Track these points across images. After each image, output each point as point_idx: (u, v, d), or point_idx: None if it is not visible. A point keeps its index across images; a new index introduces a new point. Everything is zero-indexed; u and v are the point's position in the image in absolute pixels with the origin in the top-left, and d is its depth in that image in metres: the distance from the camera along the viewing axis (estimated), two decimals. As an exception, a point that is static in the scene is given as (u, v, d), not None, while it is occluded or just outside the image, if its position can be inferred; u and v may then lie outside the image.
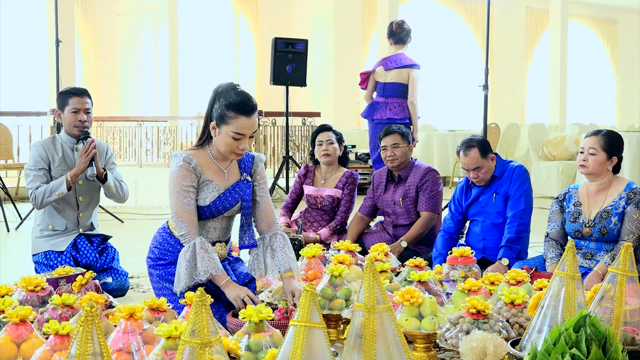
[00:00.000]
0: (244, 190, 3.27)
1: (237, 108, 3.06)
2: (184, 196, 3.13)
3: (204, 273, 3.06)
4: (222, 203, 3.20)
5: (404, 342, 2.04)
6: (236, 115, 3.06)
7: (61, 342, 2.39)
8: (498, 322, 2.78)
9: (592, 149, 3.76)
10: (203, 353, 1.79)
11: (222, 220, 3.28)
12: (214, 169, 3.22)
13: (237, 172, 3.30)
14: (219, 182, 3.20)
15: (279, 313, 2.94)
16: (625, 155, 8.41)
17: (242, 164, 3.31)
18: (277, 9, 15.13)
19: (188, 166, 3.14)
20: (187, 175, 3.13)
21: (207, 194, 3.17)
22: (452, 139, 11.34)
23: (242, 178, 3.28)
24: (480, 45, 17.14)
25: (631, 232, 3.69)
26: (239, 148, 3.11)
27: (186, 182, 3.13)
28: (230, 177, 3.26)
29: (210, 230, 3.26)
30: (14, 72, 12.68)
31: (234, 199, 3.23)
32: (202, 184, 3.17)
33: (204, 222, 3.23)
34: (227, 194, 3.22)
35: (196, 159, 3.17)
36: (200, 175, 3.16)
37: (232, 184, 3.24)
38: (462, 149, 4.29)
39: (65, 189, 4.01)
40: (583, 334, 1.99)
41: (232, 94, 3.08)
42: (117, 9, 14.25)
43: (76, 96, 4.18)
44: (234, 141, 3.09)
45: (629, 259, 2.48)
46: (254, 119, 3.10)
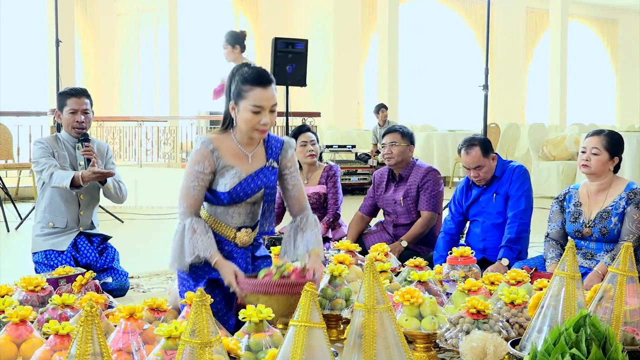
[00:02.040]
0: (268, 177, 3.15)
1: (253, 80, 2.99)
2: (192, 179, 3.04)
3: (190, 255, 3.01)
4: (244, 189, 3.09)
5: (404, 342, 2.04)
6: (252, 87, 2.99)
7: (61, 342, 2.39)
8: (498, 322, 2.78)
9: (595, 149, 3.75)
10: (203, 353, 1.79)
11: (245, 206, 3.15)
12: (237, 153, 3.11)
13: (263, 157, 3.17)
14: (240, 167, 3.08)
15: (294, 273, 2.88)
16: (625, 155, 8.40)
17: (269, 149, 3.19)
18: (277, 9, 15.13)
19: (205, 150, 3.04)
20: (201, 160, 3.03)
21: (227, 180, 3.06)
22: (452, 139, 11.34)
23: (268, 164, 3.15)
24: (480, 45, 17.14)
25: (631, 232, 3.69)
26: (260, 123, 3.01)
27: (198, 167, 3.04)
28: (254, 162, 3.13)
29: (234, 216, 3.15)
30: (14, 72, 12.67)
31: (256, 185, 3.11)
32: (222, 169, 3.06)
33: (227, 207, 3.13)
34: (249, 180, 3.10)
35: (217, 143, 3.07)
36: (219, 161, 3.06)
37: (255, 170, 3.12)
38: (463, 147, 4.29)
39: (69, 184, 3.98)
40: (583, 334, 1.98)
41: (246, 69, 3.03)
42: (117, 9, 14.25)
43: (74, 97, 4.17)
44: (254, 116, 3.00)
45: (629, 259, 2.48)
46: (272, 91, 3.02)
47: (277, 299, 2.79)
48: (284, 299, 2.80)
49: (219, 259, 3.00)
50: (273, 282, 2.84)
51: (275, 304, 2.73)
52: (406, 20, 15.44)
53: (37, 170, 4.15)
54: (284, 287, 2.82)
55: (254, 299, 2.81)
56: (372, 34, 15.64)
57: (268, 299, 2.78)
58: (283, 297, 2.80)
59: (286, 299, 2.80)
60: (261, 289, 2.83)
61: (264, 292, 2.82)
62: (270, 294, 2.81)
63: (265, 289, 2.83)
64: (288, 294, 2.80)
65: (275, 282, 2.83)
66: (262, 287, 2.84)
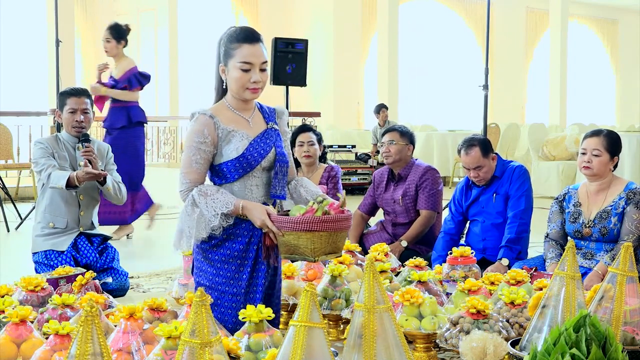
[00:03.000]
0: (275, 138, 3.00)
1: (240, 37, 2.89)
2: (193, 152, 2.86)
3: (214, 217, 2.81)
4: (256, 149, 2.91)
5: (404, 342, 2.04)
6: (239, 45, 2.88)
7: (61, 342, 2.39)
8: (498, 322, 2.78)
9: (597, 150, 3.74)
10: (203, 353, 1.79)
11: (262, 175, 2.95)
12: (237, 119, 2.96)
13: (262, 121, 3.03)
14: (245, 130, 2.93)
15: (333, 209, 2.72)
16: (625, 155, 8.47)
17: (265, 114, 3.06)
18: (277, 9, 15.13)
19: (203, 118, 2.88)
20: (200, 130, 2.86)
21: (236, 144, 2.88)
22: (452, 139, 11.34)
23: (269, 127, 3.01)
24: (480, 45, 17.14)
25: (631, 231, 3.69)
26: (250, 81, 2.88)
27: (198, 138, 2.86)
28: (255, 126, 2.99)
29: (254, 190, 2.93)
30: (14, 72, 12.67)
31: (266, 145, 2.95)
32: (228, 135, 2.89)
33: (244, 181, 2.91)
34: (257, 140, 2.93)
35: (214, 112, 2.92)
36: (220, 127, 2.89)
37: (260, 132, 2.97)
38: (463, 147, 4.29)
39: (65, 185, 3.99)
40: (583, 334, 1.98)
41: (232, 29, 2.95)
42: (117, 9, 14.25)
43: (74, 96, 4.18)
44: (243, 74, 2.87)
45: (629, 259, 2.48)
46: (260, 48, 2.90)
47: (321, 236, 2.64)
48: (327, 234, 2.65)
49: (243, 203, 2.82)
50: (317, 219, 2.65)
51: (318, 240, 2.64)
52: (406, 20, 15.44)
53: (37, 171, 4.16)
54: (328, 223, 2.65)
55: (294, 237, 2.66)
56: (372, 34, 15.64)
57: (311, 236, 2.64)
58: (326, 234, 2.65)
59: (329, 234, 2.66)
60: (304, 227, 2.64)
61: (306, 230, 2.63)
62: (314, 230, 2.64)
63: (309, 226, 2.64)
64: (331, 229, 2.65)
65: (320, 219, 2.65)
66: (306, 225, 2.64)
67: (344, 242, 2.82)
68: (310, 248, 2.66)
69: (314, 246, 2.63)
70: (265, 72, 2.94)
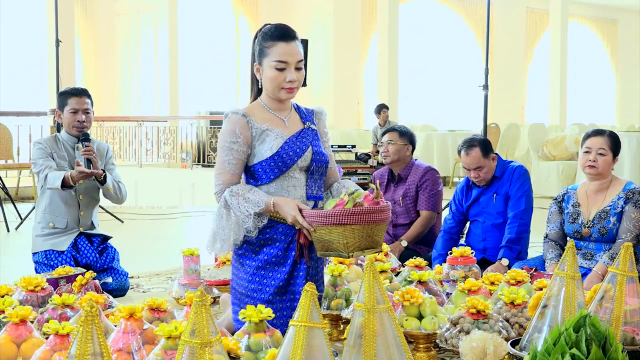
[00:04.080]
0: (312, 137, 2.90)
1: (275, 36, 2.79)
2: (225, 153, 2.78)
3: (247, 218, 2.71)
4: (292, 148, 2.81)
5: (404, 342, 2.04)
6: (274, 43, 2.79)
7: (61, 342, 2.39)
8: (498, 322, 2.78)
9: (602, 149, 3.73)
10: (203, 353, 1.79)
11: (300, 175, 2.84)
12: (272, 118, 2.86)
13: (299, 121, 2.93)
14: (280, 129, 2.84)
15: (367, 200, 2.59)
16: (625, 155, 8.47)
17: (302, 114, 2.96)
18: (277, 9, 15.13)
19: (236, 117, 2.79)
20: (232, 129, 2.77)
21: (271, 142, 2.79)
22: (452, 139, 11.34)
23: (306, 126, 2.92)
24: (480, 45, 17.14)
25: (629, 230, 3.69)
26: (286, 81, 2.79)
27: (231, 138, 2.77)
28: (291, 125, 2.89)
29: (290, 190, 2.82)
30: (14, 72, 12.67)
31: (302, 143, 2.85)
32: (262, 134, 2.80)
33: (280, 182, 2.81)
34: (293, 139, 2.83)
35: (248, 111, 2.83)
36: (254, 126, 2.80)
37: (296, 132, 2.87)
38: (463, 148, 4.29)
39: (60, 185, 3.98)
40: (583, 334, 1.98)
41: (267, 27, 2.85)
42: (117, 9, 14.25)
43: (75, 96, 4.18)
44: (278, 73, 2.78)
45: (629, 259, 2.48)
46: (295, 46, 2.81)
47: (353, 229, 2.53)
48: (360, 228, 2.53)
49: (274, 200, 2.72)
50: (347, 211, 2.53)
51: (350, 234, 2.53)
52: (406, 20, 15.44)
53: (35, 172, 4.16)
54: (360, 215, 2.52)
55: (326, 232, 2.56)
56: (372, 34, 15.64)
57: (343, 230, 2.52)
58: (359, 227, 2.53)
59: (362, 228, 2.53)
60: (334, 220, 2.53)
61: (337, 223, 2.52)
62: (346, 224, 2.52)
63: (339, 219, 2.53)
64: (364, 222, 2.53)
65: (350, 211, 2.53)
66: (336, 218, 2.53)
67: (382, 235, 2.64)
68: (342, 243, 2.53)
69: (346, 241, 2.51)
70: (301, 70, 2.85)
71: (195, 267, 3.73)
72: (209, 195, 9.57)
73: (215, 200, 2.84)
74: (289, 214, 2.68)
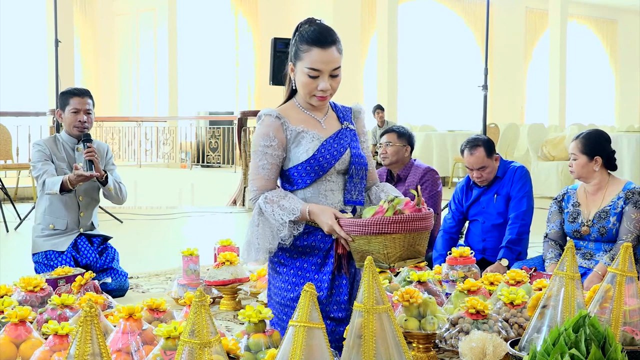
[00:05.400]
0: (350, 138, 2.74)
1: (310, 39, 2.62)
2: (259, 157, 2.64)
3: (282, 225, 2.57)
4: (329, 151, 2.66)
5: (403, 342, 2.04)
6: (309, 48, 2.62)
7: (60, 342, 2.39)
8: (497, 322, 2.78)
9: (573, 155, 3.83)
10: (202, 353, 1.79)
11: (337, 179, 2.70)
12: (308, 119, 2.71)
13: (336, 121, 2.78)
14: (316, 131, 2.69)
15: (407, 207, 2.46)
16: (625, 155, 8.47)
17: (339, 114, 2.81)
18: (276, 9, 15.14)
19: (269, 119, 2.65)
20: (266, 132, 2.63)
21: (307, 145, 2.65)
22: (451, 139, 11.34)
23: (344, 126, 2.76)
24: (479, 45, 17.15)
25: (629, 231, 3.69)
26: (318, 89, 2.63)
27: (265, 142, 2.63)
28: (329, 126, 2.74)
29: (328, 195, 2.68)
30: (14, 72, 12.68)
31: (340, 145, 2.69)
32: (297, 136, 2.66)
33: (316, 186, 2.67)
34: (330, 141, 2.68)
35: (283, 112, 2.68)
36: (288, 128, 2.66)
37: (333, 133, 2.72)
38: (467, 147, 4.27)
39: (59, 190, 3.98)
40: (582, 334, 1.98)
41: (306, 27, 2.67)
42: (117, 9, 14.25)
43: (77, 96, 4.17)
44: (310, 80, 2.62)
45: (629, 259, 2.48)
46: (332, 53, 2.62)
47: (394, 238, 2.38)
48: (402, 237, 2.39)
49: (310, 207, 2.57)
50: (387, 220, 2.38)
51: (391, 244, 2.38)
52: (406, 20, 15.45)
53: (34, 176, 4.15)
54: (401, 223, 2.38)
55: (365, 242, 2.41)
56: (371, 34, 15.65)
57: (383, 239, 2.38)
58: (400, 236, 2.38)
59: (404, 237, 2.39)
60: (374, 229, 2.37)
61: (377, 233, 2.37)
62: (386, 233, 2.37)
63: (378, 228, 2.38)
64: (406, 231, 2.38)
65: (390, 219, 2.38)
66: (375, 227, 2.38)
67: (425, 244, 2.50)
68: (383, 253, 2.39)
69: (387, 251, 2.37)
70: (337, 77, 2.66)
71: (194, 268, 3.73)
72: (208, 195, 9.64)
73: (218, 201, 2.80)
74: (325, 223, 2.53)
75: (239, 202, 8.57)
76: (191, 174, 11.47)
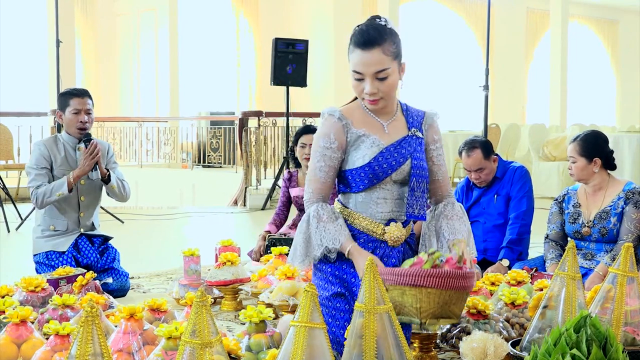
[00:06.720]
0: (414, 147, 2.61)
1: (354, 40, 2.52)
2: (318, 158, 2.56)
3: (317, 247, 2.51)
4: (387, 160, 2.55)
5: (404, 342, 2.04)
6: (353, 49, 2.51)
7: (61, 342, 2.40)
8: (499, 323, 2.78)
9: (572, 157, 3.82)
10: (203, 353, 1.79)
11: (392, 188, 2.59)
12: (371, 122, 2.60)
13: (404, 127, 2.64)
14: (378, 136, 2.57)
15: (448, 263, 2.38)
16: (625, 155, 8.46)
17: (409, 118, 2.68)
18: (277, 9, 15.14)
19: (331, 120, 2.58)
20: (327, 133, 2.56)
21: (365, 151, 2.55)
22: (452, 139, 11.34)
23: (410, 133, 2.63)
24: (480, 45, 17.14)
25: (630, 231, 3.69)
26: (364, 92, 2.52)
27: (324, 142, 2.55)
28: (392, 132, 2.61)
29: (380, 203, 2.58)
30: (15, 72, 12.69)
31: (401, 155, 2.57)
32: (357, 139, 2.56)
33: (369, 192, 2.57)
34: (390, 149, 2.57)
35: (345, 113, 2.60)
36: (350, 130, 2.57)
37: (397, 139, 2.60)
38: (464, 149, 4.28)
39: (67, 190, 4.00)
40: (583, 334, 1.98)
41: (359, 27, 2.56)
42: (118, 9, 14.26)
43: (77, 97, 4.17)
44: (357, 83, 2.53)
45: (630, 260, 2.48)
46: (373, 55, 2.47)
47: (429, 293, 2.31)
48: (437, 293, 2.31)
49: (352, 247, 2.49)
50: (424, 272, 2.31)
51: (425, 299, 2.31)
52: (406, 21, 15.45)
53: (28, 180, 4.13)
54: (438, 278, 2.30)
55: (398, 293, 2.33)
56: (372, 34, 15.63)
57: (417, 292, 2.30)
58: (435, 291, 2.31)
59: (439, 293, 2.31)
60: (408, 280, 2.30)
61: (411, 284, 2.30)
62: (420, 286, 2.31)
63: (413, 280, 2.31)
64: (442, 287, 2.30)
65: (427, 272, 2.31)
66: (410, 278, 2.31)
67: (462, 306, 2.39)
68: (415, 307, 2.30)
69: (420, 305, 2.28)
70: (385, 80, 2.51)
71: (195, 268, 3.73)
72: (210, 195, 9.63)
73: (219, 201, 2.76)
74: (361, 269, 2.41)
75: (240, 202, 8.57)
76: (192, 174, 11.48)
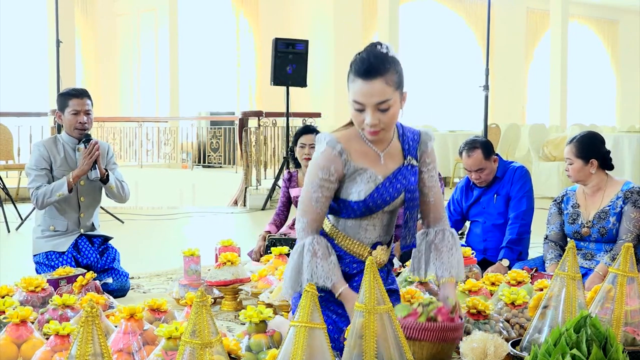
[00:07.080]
0: (408, 178, 2.58)
1: (355, 69, 2.43)
2: (314, 189, 2.52)
3: (306, 282, 2.46)
4: (382, 196, 2.53)
5: (404, 342, 2.04)
6: (354, 78, 2.43)
7: (62, 342, 2.40)
8: (499, 323, 2.78)
9: (568, 159, 3.84)
10: (203, 353, 1.79)
11: (382, 216, 2.60)
12: (368, 153, 2.55)
13: (399, 155, 2.60)
14: (374, 169, 2.54)
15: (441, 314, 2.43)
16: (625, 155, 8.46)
17: (405, 144, 2.61)
18: (277, 9, 15.14)
19: (331, 152, 2.49)
20: (327, 166, 2.49)
21: (361, 186, 2.52)
22: (452, 139, 11.34)
23: (406, 163, 2.59)
24: (480, 45, 17.14)
25: (629, 230, 3.69)
26: (364, 123, 2.44)
27: (323, 174, 2.50)
28: (388, 162, 2.57)
29: (369, 230, 2.59)
30: (15, 72, 12.69)
31: (395, 189, 2.55)
32: (354, 173, 2.52)
33: (359, 220, 2.58)
34: (386, 184, 2.54)
35: (344, 143, 2.52)
36: (349, 164, 2.52)
37: (392, 171, 2.56)
38: (465, 149, 4.28)
39: (67, 190, 4.00)
40: (584, 334, 1.98)
41: (360, 54, 2.46)
42: (118, 9, 14.26)
43: (76, 97, 4.16)
44: (357, 113, 2.45)
45: (630, 260, 2.48)
46: (375, 85, 2.39)
47: (422, 346, 2.37)
48: (430, 345, 2.38)
49: (344, 290, 2.48)
50: (419, 326, 2.37)
51: (418, 350, 2.37)
52: (406, 21, 15.45)
53: (27, 183, 4.13)
54: (433, 332, 2.37)
55: None
56: (372, 34, 15.64)
57: (411, 345, 2.32)
58: (428, 344, 2.38)
59: (432, 345, 2.38)
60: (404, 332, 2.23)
61: (407, 337, 2.26)
62: (415, 339, 2.37)
63: (408, 332, 2.36)
64: (436, 340, 2.38)
65: (422, 326, 2.37)
66: (406, 331, 2.35)
67: (451, 354, 2.48)
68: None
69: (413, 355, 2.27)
70: (387, 111, 2.44)
71: (195, 268, 3.73)
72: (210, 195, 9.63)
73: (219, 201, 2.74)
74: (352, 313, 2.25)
75: (240, 202, 8.57)
76: (192, 174, 11.47)
